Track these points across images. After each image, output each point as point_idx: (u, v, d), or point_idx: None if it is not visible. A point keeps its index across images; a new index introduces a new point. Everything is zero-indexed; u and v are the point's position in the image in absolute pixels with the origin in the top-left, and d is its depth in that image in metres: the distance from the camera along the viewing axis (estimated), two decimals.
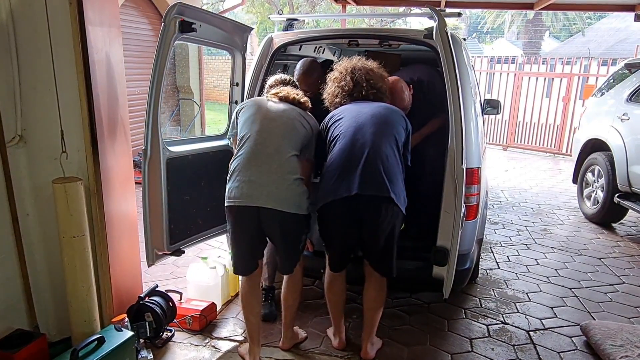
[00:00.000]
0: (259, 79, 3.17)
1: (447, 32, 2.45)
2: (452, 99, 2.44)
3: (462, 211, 2.52)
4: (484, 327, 3.01)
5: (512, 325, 3.03)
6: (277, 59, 3.68)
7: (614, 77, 5.74)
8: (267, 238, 2.43)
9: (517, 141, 9.81)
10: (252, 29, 3.16)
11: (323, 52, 4.39)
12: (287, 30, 3.39)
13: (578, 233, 5.01)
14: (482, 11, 31.02)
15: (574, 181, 5.88)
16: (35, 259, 2.52)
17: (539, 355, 2.72)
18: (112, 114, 2.58)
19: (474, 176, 2.79)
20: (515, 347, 2.79)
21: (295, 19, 3.45)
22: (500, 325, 3.03)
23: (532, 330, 2.98)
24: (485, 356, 2.69)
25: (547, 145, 9.45)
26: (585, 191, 5.60)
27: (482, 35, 38.36)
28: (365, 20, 19.35)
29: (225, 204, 2.34)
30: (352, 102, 2.56)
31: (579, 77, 8.96)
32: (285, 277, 2.58)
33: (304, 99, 2.53)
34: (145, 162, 2.49)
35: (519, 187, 6.97)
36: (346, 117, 2.43)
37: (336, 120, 2.45)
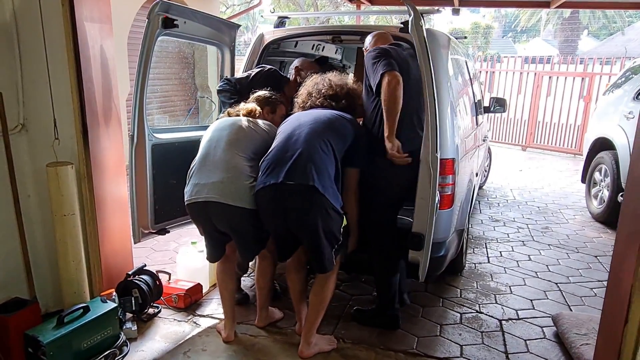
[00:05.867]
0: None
1: (422, 26, 2.55)
2: (427, 91, 2.54)
3: (437, 198, 2.61)
4: (458, 314, 3.09)
5: (486, 315, 3.10)
6: (272, 55, 3.87)
7: (624, 76, 5.65)
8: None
9: (537, 141, 9.67)
10: (239, 26, 3.36)
11: (322, 50, 4.52)
12: (279, 27, 3.57)
13: (580, 232, 4.96)
14: (516, 10, 30.42)
15: (583, 180, 5.82)
16: (34, 236, 2.78)
17: (505, 341, 2.79)
18: (106, 104, 2.83)
19: (447, 166, 2.88)
20: (483, 333, 2.87)
21: (287, 17, 3.62)
22: (474, 314, 3.10)
23: (504, 320, 3.04)
24: (451, 340, 2.78)
25: (567, 146, 9.28)
26: (593, 190, 5.53)
27: (518, 35, 37.58)
28: (389, 17, 19.23)
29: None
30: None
31: (600, 77, 8.76)
32: (257, 261, 2.76)
33: (250, 107, 2.69)
34: (132, 147, 2.72)
35: (529, 186, 6.91)
36: (289, 121, 2.56)
37: (284, 123, 2.59)
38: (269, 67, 3.22)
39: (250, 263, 3.15)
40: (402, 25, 2.86)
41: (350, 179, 2.57)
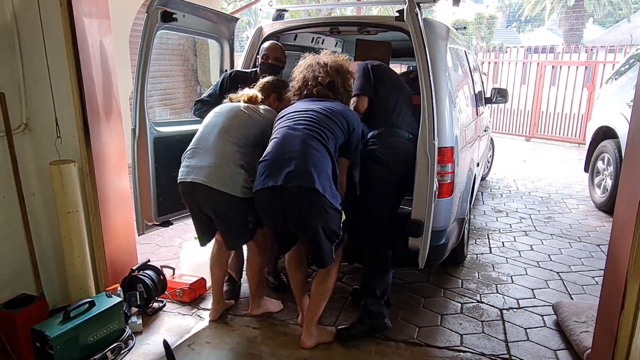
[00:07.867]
0: (249, 67, 3.38)
1: (417, 15, 2.55)
2: (422, 78, 2.55)
3: (435, 185, 2.62)
4: (459, 304, 3.12)
5: (487, 304, 3.12)
6: None
7: (628, 63, 5.62)
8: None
9: (541, 132, 9.63)
10: (238, 19, 3.38)
11: (322, 43, 4.53)
12: (277, 20, 3.58)
13: (583, 221, 4.96)
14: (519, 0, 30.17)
15: (586, 170, 5.81)
16: (40, 234, 2.83)
17: (505, 330, 2.81)
18: (106, 101, 2.87)
19: (446, 155, 2.90)
20: (484, 322, 2.89)
21: (285, 10, 3.64)
22: (475, 304, 3.13)
23: (505, 309, 3.06)
24: (451, 330, 2.81)
25: (571, 136, 9.24)
26: (596, 179, 5.52)
27: (522, 25, 37.22)
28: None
29: None
30: (300, 100, 2.63)
31: (604, 65, 8.70)
32: (247, 253, 2.84)
33: (251, 94, 2.70)
34: (134, 140, 2.77)
35: (533, 176, 6.91)
36: (286, 115, 2.51)
37: (279, 118, 2.54)
38: (230, 70, 3.22)
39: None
40: (398, 14, 2.86)
41: (340, 167, 2.49)
